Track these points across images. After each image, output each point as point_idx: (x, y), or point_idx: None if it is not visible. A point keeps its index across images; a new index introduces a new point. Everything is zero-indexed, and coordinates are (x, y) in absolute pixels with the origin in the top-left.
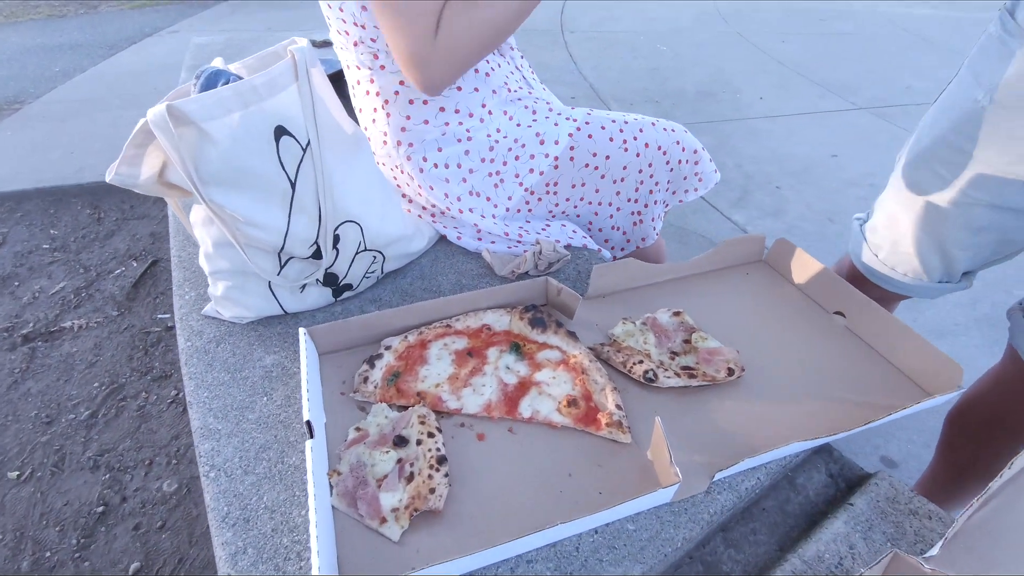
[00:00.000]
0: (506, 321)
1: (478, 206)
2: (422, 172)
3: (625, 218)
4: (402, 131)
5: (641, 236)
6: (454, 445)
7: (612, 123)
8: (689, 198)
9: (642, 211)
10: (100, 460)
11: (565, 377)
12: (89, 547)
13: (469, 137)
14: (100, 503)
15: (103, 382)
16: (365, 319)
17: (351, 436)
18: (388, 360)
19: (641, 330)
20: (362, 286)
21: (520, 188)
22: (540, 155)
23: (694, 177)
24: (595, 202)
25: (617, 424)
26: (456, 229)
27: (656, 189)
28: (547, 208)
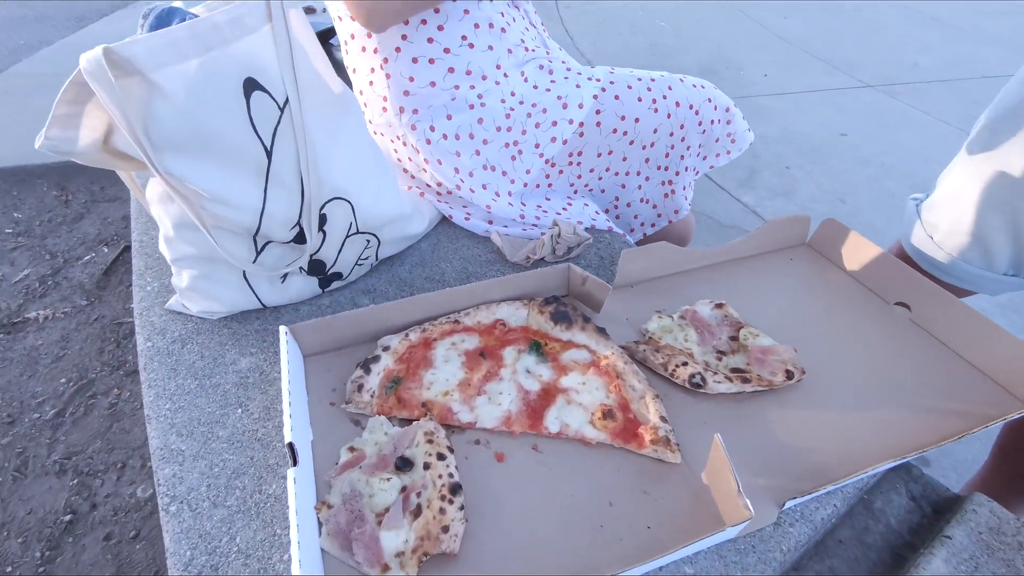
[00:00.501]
0: (523, 315)
1: (492, 182)
2: (429, 144)
3: (655, 189)
4: (405, 95)
5: (673, 208)
6: (469, 468)
7: (638, 81)
8: (720, 162)
9: (673, 179)
10: (67, 464)
11: (596, 382)
12: (55, 560)
13: (482, 102)
14: (67, 511)
15: (71, 378)
16: (358, 314)
17: (343, 459)
18: (386, 363)
19: (680, 325)
20: (353, 275)
21: (540, 160)
22: (563, 121)
23: (726, 138)
24: (623, 172)
25: (664, 441)
26: (465, 208)
27: (687, 154)
28: (568, 182)
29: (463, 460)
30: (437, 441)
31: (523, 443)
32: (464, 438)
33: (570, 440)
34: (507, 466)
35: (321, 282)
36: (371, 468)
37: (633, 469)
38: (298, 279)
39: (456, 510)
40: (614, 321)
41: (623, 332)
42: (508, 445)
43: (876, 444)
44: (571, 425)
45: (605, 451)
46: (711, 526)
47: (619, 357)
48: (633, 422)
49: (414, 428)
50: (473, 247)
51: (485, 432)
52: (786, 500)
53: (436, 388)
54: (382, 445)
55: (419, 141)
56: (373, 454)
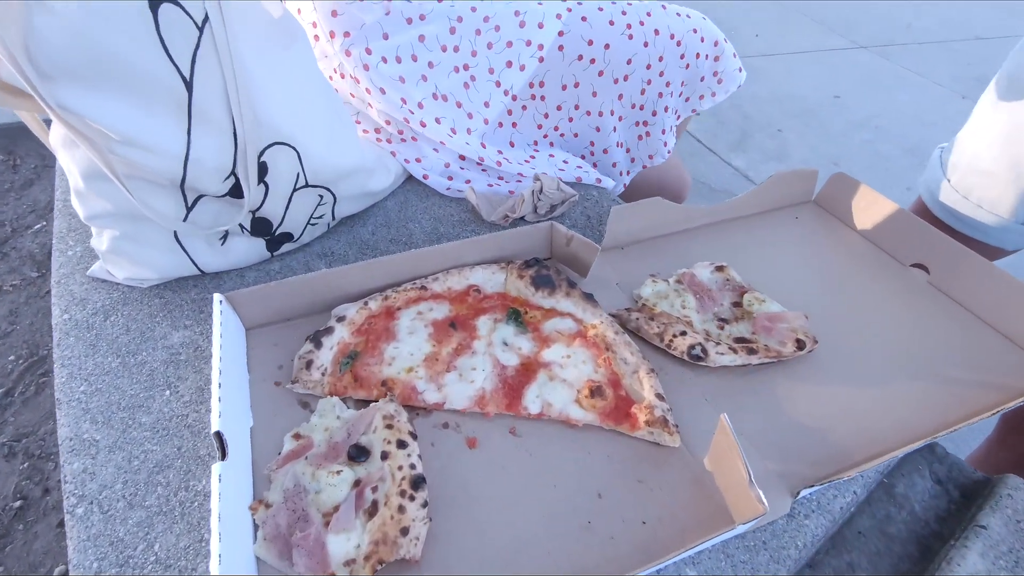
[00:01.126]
0: (500, 280)
1: (447, 115)
2: (367, 70)
3: (629, 131)
4: (333, 16)
5: (648, 152)
6: (435, 456)
7: (611, 4)
8: (704, 105)
9: (649, 120)
10: (17, 446)
11: (583, 355)
12: (4, 548)
13: (422, 16)
14: (17, 496)
15: (20, 354)
16: (308, 279)
17: (287, 447)
18: (341, 336)
19: (676, 290)
20: (306, 236)
21: (498, 90)
22: (520, 42)
23: (712, 77)
24: (595, 111)
25: (661, 422)
26: (421, 164)
27: (667, 92)
28: (534, 121)
29: (428, 447)
30: (398, 426)
31: (499, 426)
32: (430, 421)
33: (553, 422)
34: (480, 453)
35: (269, 244)
36: (319, 458)
37: (625, 455)
38: (241, 241)
39: (418, 508)
40: (603, 286)
41: (613, 298)
42: (482, 429)
43: (898, 421)
44: (554, 404)
45: (593, 434)
46: (717, 521)
47: (609, 326)
48: (625, 400)
49: (371, 411)
50: (445, 206)
51: (455, 414)
52: (801, 488)
53: (399, 364)
54: (333, 431)
55: (356, 68)
56: (322, 442)
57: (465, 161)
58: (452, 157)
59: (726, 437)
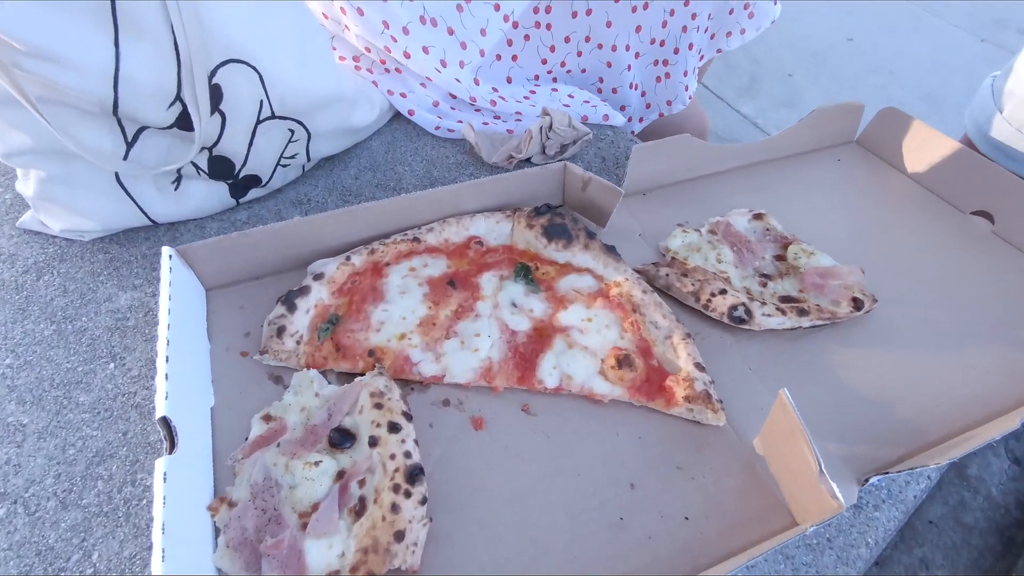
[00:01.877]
0: (506, 231)
1: (436, 44)
2: None
3: (646, 70)
4: None
5: (667, 98)
6: (434, 441)
7: None
8: (732, 44)
9: (671, 59)
10: None
11: (606, 318)
12: None
13: None
14: None
15: None
16: (279, 229)
17: (255, 432)
18: (319, 297)
19: (710, 241)
20: (276, 180)
21: (497, 15)
22: None
23: (743, 11)
24: (607, 44)
25: (703, 397)
26: (406, 99)
27: (692, 26)
28: (538, 55)
29: (426, 430)
30: (389, 405)
31: (509, 403)
32: (428, 398)
33: (573, 397)
34: (488, 436)
35: (233, 189)
36: (294, 445)
37: (661, 436)
38: (198, 185)
39: (415, 506)
40: (624, 237)
41: (637, 251)
42: (489, 406)
43: (972, 394)
44: (574, 377)
45: (621, 412)
46: (773, 516)
47: (635, 284)
48: (657, 371)
49: (356, 387)
50: (438, 146)
51: (457, 389)
52: (869, 474)
53: (389, 330)
54: (311, 412)
55: None
56: (298, 424)
57: (456, 100)
58: (441, 95)
59: (787, 417)
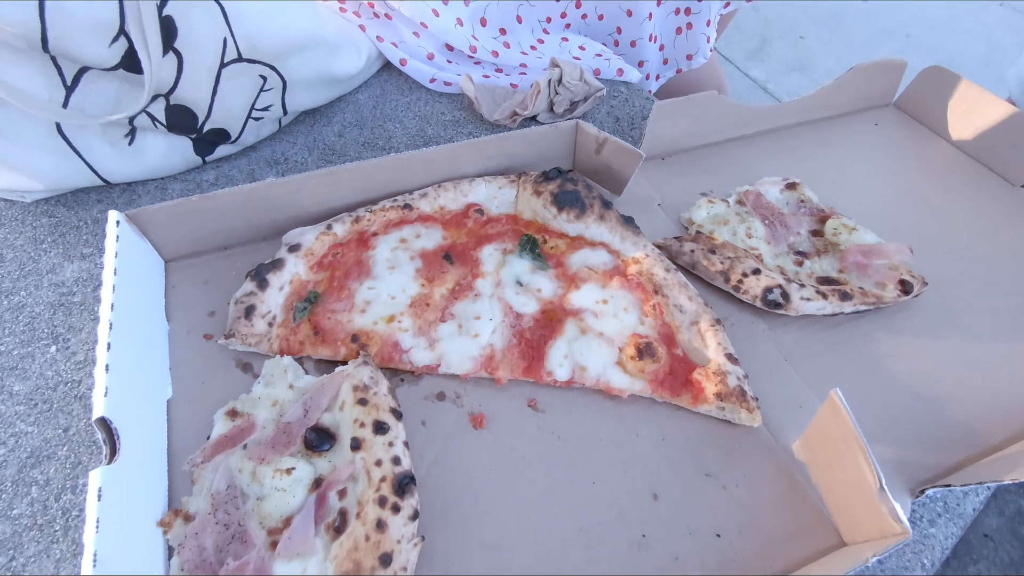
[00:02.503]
0: (509, 198)
1: None
2: None
3: (667, 20)
4: None
5: (687, 52)
6: (428, 443)
7: None
8: None
9: (693, 7)
10: None
11: (624, 300)
12: None
13: None
14: None
15: None
16: (250, 192)
17: (219, 430)
18: (295, 271)
19: (739, 213)
20: (248, 136)
21: None
22: None
23: None
24: None
25: (736, 394)
26: (396, 47)
27: None
28: None
29: (418, 428)
30: (375, 400)
31: (514, 397)
32: (420, 391)
33: (587, 392)
34: (489, 436)
35: (198, 146)
36: (264, 447)
37: (687, 437)
38: (157, 139)
39: (404, 522)
40: (642, 207)
41: (657, 223)
42: (491, 401)
43: None
44: (588, 368)
45: (642, 408)
46: (817, 533)
47: (656, 261)
48: (683, 362)
49: (337, 378)
50: (433, 101)
51: (454, 381)
52: (922, 484)
53: (376, 310)
54: (284, 406)
55: None
56: (268, 422)
57: (453, 53)
58: (436, 45)
59: (839, 422)
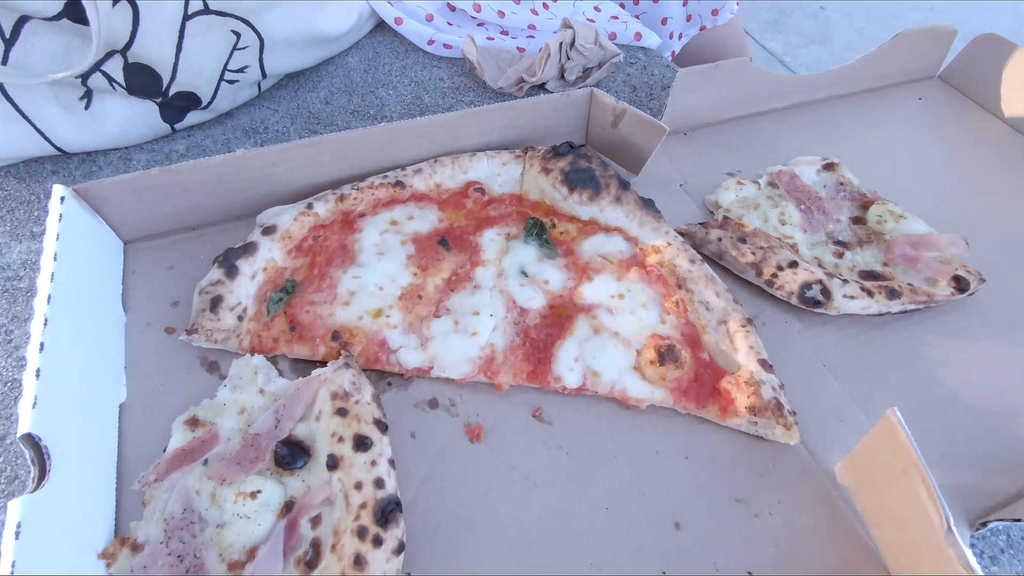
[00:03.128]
0: (514, 175)
1: None
2: None
3: None
4: None
5: (712, 6)
6: (418, 458)
7: None
8: None
9: None
10: None
11: (643, 295)
12: None
13: None
14: None
15: None
16: (219, 164)
17: (176, 442)
18: (270, 256)
19: (770, 197)
20: (223, 101)
21: None
22: None
23: None
24: None
25: (772, 408)
26: (391, 4)
27: None
28: None
29: (406, 441)
30: (356, 410)
31: (517, 406)
32: (409, 397)
33: (600, 400)
34: (488, 451)
35: (165, 111)
36: (227, 464)
37: (714, 455)
38: (117, 103)
39: (388, 557)
40: (663, 188)
41: (679, 207)
42: (491, 410)
43: None
44: (602, 374)
45: (663, 421)
46: (863, 570)
47: (680, 251)
48: (710, 368)
49: (314, 383)
50: (431, 66)
51: (449, 386)
52: (983, 515)
53: (361, 303)
54: (253, 415)
55: None
56: (234, 433)
57: (455, 14)
58: (436, 5)
59: (896, 447)
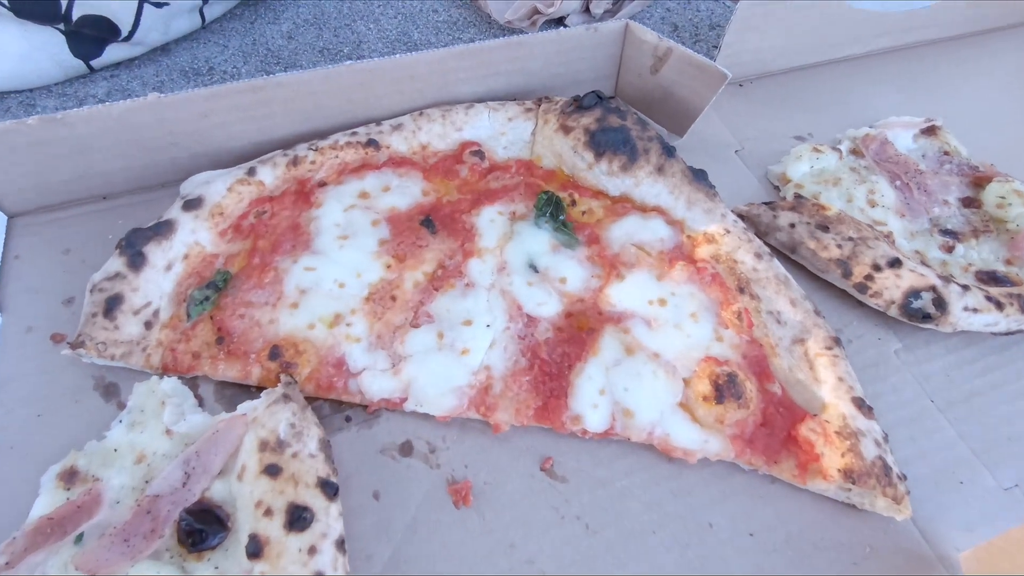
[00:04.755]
0: (524, 135)
1: None
2: None
3: None
4: None
5: None
6: (380, 531)
7: None
8: None
9: None
10: None
11: (693, 300)
12: None
13: None
14: None
15: None
16: (122, 113)
17: (41, 507)
18: (194, 240)
19: (854, 168)
20: (151, 31)
21: None
22: None
23: None
24: None
25: (876, 472)
26: None
27: None
28: None
29: (368, 506)
30: (294, 469)
31: (519, 454)
32: (375, 438)
33: (635, 449)
34: (478, 520)
35: (75, 42)
36: (109, 543)
37: (791, 536)
38: (10, 32)
39: None
40: (713, 155)
41: (734, 180)
42: (483, 459)
43: None
44: (637, 413)
45: (720, 480)
46: None
47: (742, 240)
48: (783, 407)
49: (238, 425)
50: None
51: (428, 424)
52: None
53: (314, 306)
54: (155, 465)
55: None
56: (125, 493)
57: None
58: None
59: None
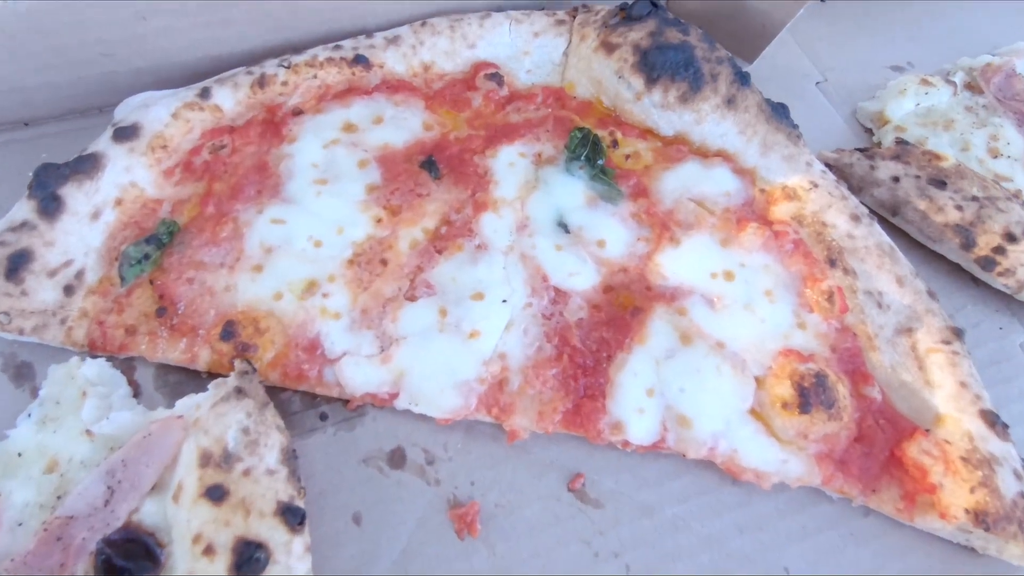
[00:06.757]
0: (553, 55)
1: None
2: None
3: None
4: None
5: None
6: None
7: None
8: None
9: None
10: None
11: (767, 272)
12: None
13: None
14: None
15: None
16: (47, 10)
17: None
18: (128, 180)
19: (970, 107)
20: None
21: None
22: None
23: None
24: None
25: (1008, 515)
26: None
27: None
28: None
29: (347, 531)
30: (244, 492)
31: (541, 469)
32: (357, 442)
33: (690, 467)
34: (486, 553)
35: None
36: None
37: None
38: None
39: None
40: (791, 88)
41: (818, 119)
42: (495, 474)
43: None
44: (695, 421)
45: (800, 512)
46: None
47: (833, 197)
48: (884, 417)
49: (174, 428)
50: None
51: (425, 425)
52: None
53: (282, 268)
54: (68, 476)
55: None
56: (29, 513)
57: None
58: None
59: None
